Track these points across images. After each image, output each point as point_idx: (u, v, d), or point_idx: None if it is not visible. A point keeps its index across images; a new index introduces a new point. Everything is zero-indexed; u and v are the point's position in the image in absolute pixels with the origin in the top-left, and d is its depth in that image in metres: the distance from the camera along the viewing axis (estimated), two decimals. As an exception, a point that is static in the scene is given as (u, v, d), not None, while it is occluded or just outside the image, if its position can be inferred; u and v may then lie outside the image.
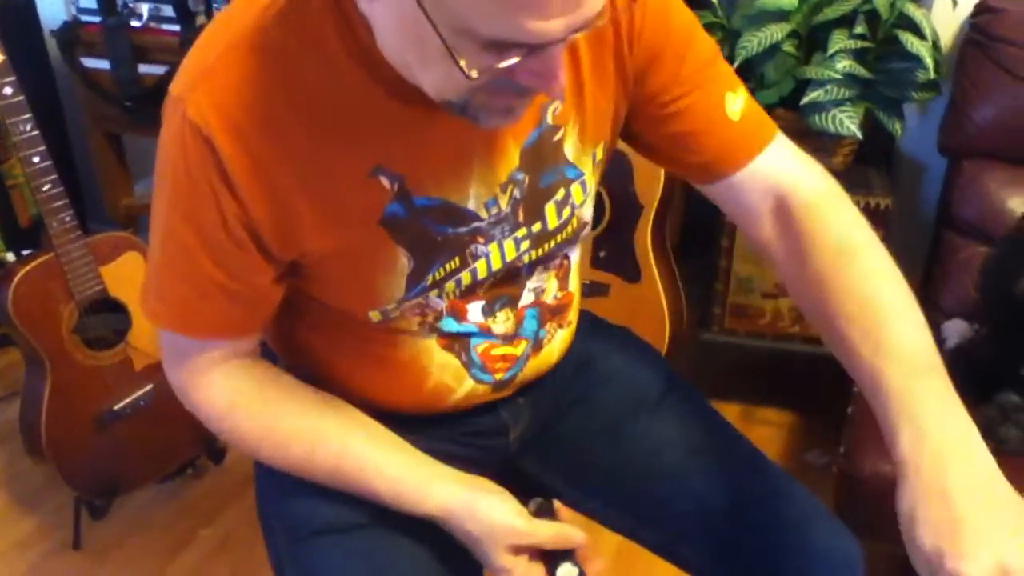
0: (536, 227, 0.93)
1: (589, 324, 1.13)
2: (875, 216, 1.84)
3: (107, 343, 1.75)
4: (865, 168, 1.94)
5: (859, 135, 1.75)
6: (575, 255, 1.03)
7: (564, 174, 0.92)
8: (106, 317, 1.74)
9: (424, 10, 0.65)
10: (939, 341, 1.56)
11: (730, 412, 2.15)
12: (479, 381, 0.99)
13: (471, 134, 0.82)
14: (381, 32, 0.74)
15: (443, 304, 0.93)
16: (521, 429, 1.08)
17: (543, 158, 0.89)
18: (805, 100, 1.73)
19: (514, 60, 0.66)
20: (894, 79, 1.77)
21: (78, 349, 1.70)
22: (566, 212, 0.94)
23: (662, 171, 1.94)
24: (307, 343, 1.00)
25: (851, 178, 1.90)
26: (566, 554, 0.92)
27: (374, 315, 0.91)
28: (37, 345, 1.66)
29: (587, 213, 0.98)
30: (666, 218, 1.98)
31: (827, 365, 2.00)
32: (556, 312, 1.02)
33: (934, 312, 1.72)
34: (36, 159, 1.61)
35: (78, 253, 1.66)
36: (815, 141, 1.87)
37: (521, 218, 0.91)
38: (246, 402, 0.93)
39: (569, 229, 0.96)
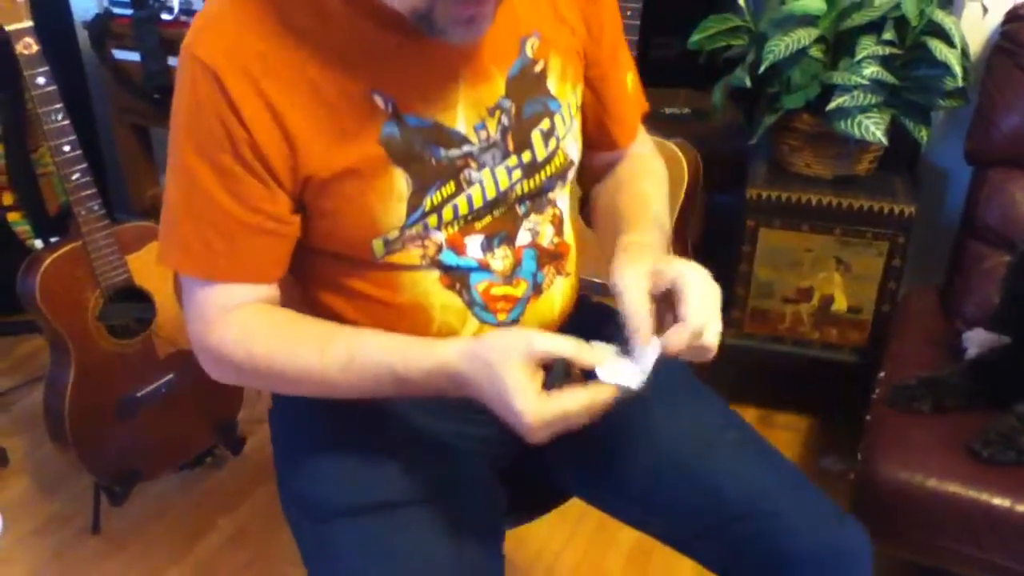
0: (526, 156, 1.00)
1: (602, 315, 1.13)
2: (898, 223, 1.83)
3: (131, 331, 1.77)
4: (889, 174, 1.94)
5: (884, 141, 1.74)
6: (565, 204, 1.09)
7: (547, 105, 1.01)
8: (131, 305, 1.76)
9: None
10: (960, 350, 1.57)
11: (748, 416, 2.13)
12: (483, 322, 1.01)
13: (455, 59, 0.93)
14: None
15: (443, 236, 0.97)
16: None
17: (526, 88, 0.99)
18: (831, 105, 1.72)
19: None
20: (921, 86, 1.76)
21: (102, 336, 1.72)
22: (552, 143, 1.02)
23: (685, 171, 1.94)
24: (316, 299, 1.03)
25: (875, 184, 1.90)
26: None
27: (377, 245, 0.95)
28: (62, 332, 1.68)
29: (571, 149, 1.05)
30: (688, 220, 1.98)
31: (845, 371, 2.00)
32: (554, 257, 1.07)
33: (956, 320, 1.71)
34: (67, 148, 1.63)
35: (105, 241, 1.68)
36: (840, 146, 1.87)
37: (511, 146, 0.99)
38: (259, 327, 0.96)
39: (556, 162, 1.03)
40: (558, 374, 0.86)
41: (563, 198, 1.09)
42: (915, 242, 1.90)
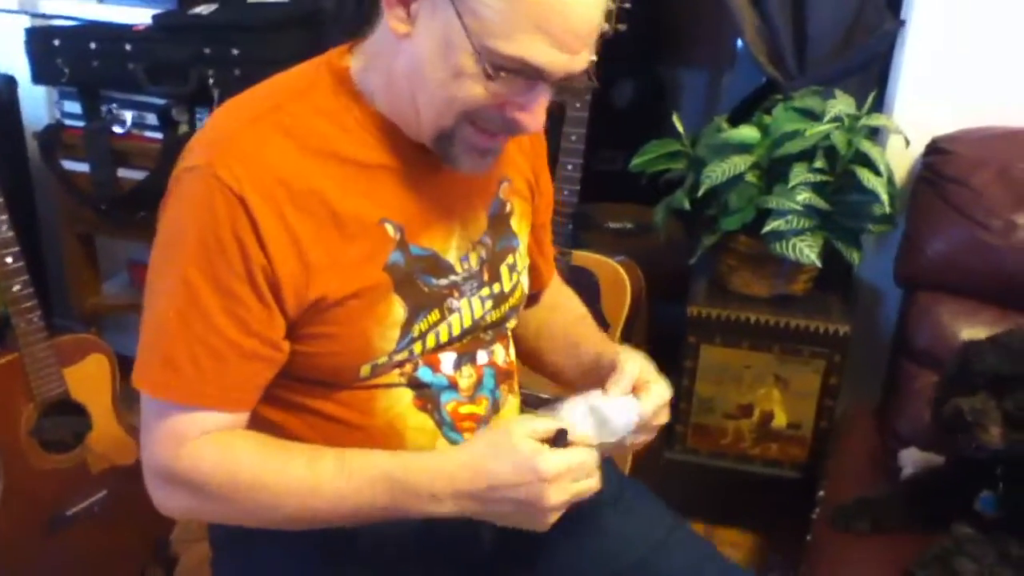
0: (496, 287, 1.08)
1: None
2: (834, 342, 1.89)
3: (64, 446, 1.72)
4: (825, 294, 2.00)
5: (818, 263, 1.80)
6: (510, 328, 1.18)
7: (511, 242, 1.11)
8: (65, 420, 1.71)
9: (463, 24, 0.83)
10: (895, 470, 1.60)
11: (692, 532, 2.15)
12: (453, 443, 1.03)
13: (454, 194, 1.01)
14: (383, 94, 0.94)
15: (420, 358, 1.02)
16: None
17: (500, 225, 1.09)
18: (766, 229, 1.79)
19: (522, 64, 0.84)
20: (851, 211, 1.84)
21: (34, 451, 1.67)
22: (515, 276, 1.11)
23: (628, 290, 1.99)
24: (281, 424, 1.01)
25: (811, 304, 1.96)
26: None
27: (365, 370, 0.98)
28: (-7, 447, 1.64)
29: (526, 283, 1.15)
30: (631, 337, 2.01)
31: (787, 487, 2.01)
32: (507, 376, 1.12)
33: (891, 439, 1.74)
34: (9, 259, 1.62)
35: (43, 354, 1.65)
36: (776, 267, 1.93)
37: (486, 277, 1.06)
38: (245, 446, 0.94)
39: (517, 294, 1.12)
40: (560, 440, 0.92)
41: (513, 323, 1.17)
42: (852, 359, 1.95)
